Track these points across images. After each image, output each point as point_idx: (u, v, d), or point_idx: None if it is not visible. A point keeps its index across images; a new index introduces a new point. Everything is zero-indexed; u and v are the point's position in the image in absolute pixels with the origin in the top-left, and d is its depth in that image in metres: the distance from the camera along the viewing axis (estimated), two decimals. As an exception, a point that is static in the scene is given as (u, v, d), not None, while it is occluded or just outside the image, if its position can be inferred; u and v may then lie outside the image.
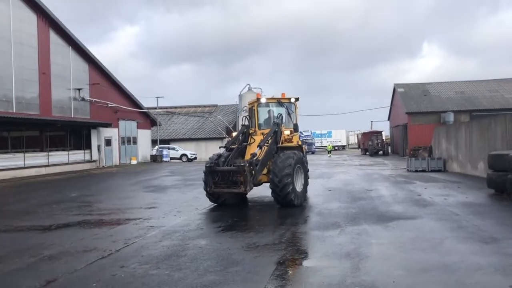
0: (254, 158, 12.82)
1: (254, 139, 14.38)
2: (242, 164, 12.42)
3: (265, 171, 13.49)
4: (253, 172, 12.57)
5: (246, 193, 13.28)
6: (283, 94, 15.00)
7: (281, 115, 14.82)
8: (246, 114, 15.97)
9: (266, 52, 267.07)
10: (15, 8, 28.83)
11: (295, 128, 14.76)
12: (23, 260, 7.91)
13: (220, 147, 15.41)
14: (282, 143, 14.01)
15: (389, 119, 64.85)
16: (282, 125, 14.46)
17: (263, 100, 14.73)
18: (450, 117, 44.91)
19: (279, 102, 14.90)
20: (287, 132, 14.02)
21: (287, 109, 14.97)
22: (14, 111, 27.93)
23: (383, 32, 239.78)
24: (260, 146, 13.19)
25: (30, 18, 30.20)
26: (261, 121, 14.98)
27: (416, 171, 26.75)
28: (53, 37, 32.44)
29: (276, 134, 13.89)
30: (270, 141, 13.59)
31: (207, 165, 13.15)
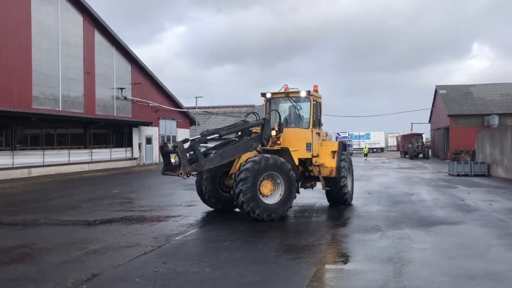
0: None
1: None
2: (176, 144, 11.03)
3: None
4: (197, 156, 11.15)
5: (181, 177, 11.03)
6: (315, 86, 13.58)
7: (276, 111, 13.26)
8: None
9: (310, 52, 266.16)
10: (63, 10, 29.90)
11: (315, 124, 12.97)
12: (69, 253, 8.19)
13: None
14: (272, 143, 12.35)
15: (430, 121, 63.24)
16: (278, 122, 12.56)
17: (268, 95, 13.45)
18: (495, 120, 43.32)
19: (288, 97, 13.22)
20: (273, 133, 12.33)
21: (296, 104, 13.26)
22: (60, 109, 28.96)
23: (431, 32, 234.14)
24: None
25: (77, 19, 31.25)
26: (274, 118, 13.34)
27: (458, 175, 25.98)
28: (98, 37, 33.45)
29: (262, 131, 12.36)
30: (252, 135, 12.32)
31: (159, 145, 11.94)
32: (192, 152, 11.44)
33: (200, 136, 11.85)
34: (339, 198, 13.50)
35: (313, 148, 12.88)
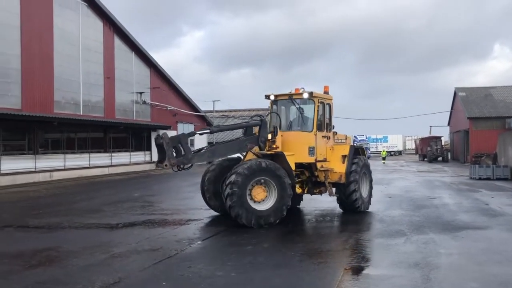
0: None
1: None
2: (162, 135, 10.96)
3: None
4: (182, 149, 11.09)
5: (166, 168, 11.03)
6: (325, 87, 13.18)
7: (276, 114, 12.77)
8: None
9: (328, 55, 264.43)
10: (84, 16, 30.38)
11: (321, 127, 12.42)
12: (95, 256, 8.28)
13: None
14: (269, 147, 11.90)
15: (449, 124, 62.40)
16: (274, 125, 12.15)
17: (272, 97, 12.88)
18: (517, 123, 42.53)
19: (291, 99, 12.62)
20: (269, 136, 11.91)
21: (299, 106, 12.61)
22: (81, 114, 29.42)
23: (451, 34, 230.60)
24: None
25: (97, 25, 31.72)
26: (273, 121, 12.89)
27: (480, 178, 25.54)
28: (117, 43, 33.89)
29: (259, 131, 11.94)
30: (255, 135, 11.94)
31: (154, 138, 11.56)
32: (202, 147, 11.48)
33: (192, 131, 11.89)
34: (349, 205, 12.74)
35: (318, 152, 12.28)
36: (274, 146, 11.81)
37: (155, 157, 37.42)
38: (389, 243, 9.11)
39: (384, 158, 53.78)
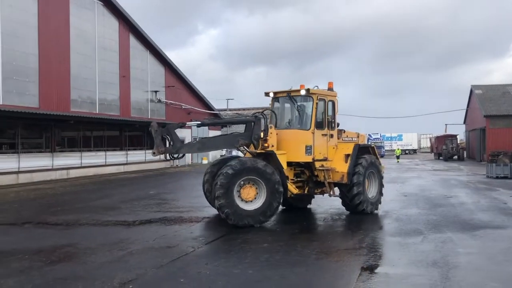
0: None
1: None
2: (152, 124, 11.19)
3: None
4: (169, 139, 11.26)
5: (154, 156, 11.52)
6: (330, 83, 12.81)
7: (272, 112, 12.66)
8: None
9: (344, 53, 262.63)
10: (100, 15, 30.66)
11: (321, 125, 12.08)
12: (112, 253, 8.37)
13: None
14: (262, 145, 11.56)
15: (464, 122, 61.66)
16: (271, 125, 11.82)
17: (271, 95, 12.61)
18: (535, 121, 41.88)
19: (289, 96, 12.23)
20: (262, 134, 11.55)
21: (298, 104, 12.22)
22: (97, 112, 29.71)
23: (468, 31, 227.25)
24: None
25: (113, 24, 31.98)
26: (273, 119, 12.71)
27: (497, 177, 25.18)
28: (133, 42, 34.14)
29: (253, 129, 11.59)
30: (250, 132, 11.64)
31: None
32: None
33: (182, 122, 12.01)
34: (353, 206, 12.23)
35: (316, 151, 11.92)
36: (266, 144, 11.45)
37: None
38: (406, 241, 9.05)
39: (398, 157, 52.86)
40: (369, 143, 13.58)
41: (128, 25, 33.30)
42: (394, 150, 63.85)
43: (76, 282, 6.58)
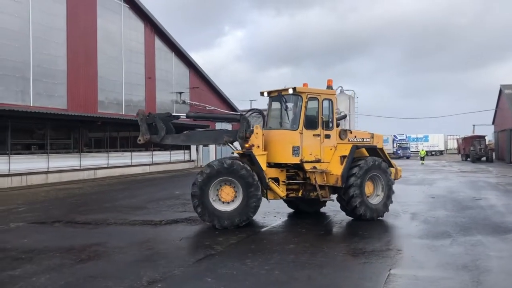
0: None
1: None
2: (138, 112, 11.31)
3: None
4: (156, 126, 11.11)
5: (140, 142, 11.37)
6: (329, 81, 12.31)
7: (258, 110, 12.70)
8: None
9: (370, 53, 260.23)
10: (126, 18, 31.17)
11: (312, 125, 11.50)
12: (141, 252, 8.50)
13: None
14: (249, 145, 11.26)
15: (493, 123, 60.28)
16: (257, 125, 11.44)
17: (265, 94, 12.29)
18: None
19: (280, 95, 11.81)
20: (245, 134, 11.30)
21: (287, 103, 11.85)
22: (123, 113, 30.19)
23: (497, 30, 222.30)
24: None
25: (138, 26, 32.48)
26: (267, 118, 12.52)
27: (528, 179, 24.57)
28: (158, 43, 34.60)
29: (239, 127, 11.38)
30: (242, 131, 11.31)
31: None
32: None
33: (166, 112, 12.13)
34: (350, 210, 11.50)
35: (306, 152, 11.32)
36: (247, 145, 11.16)
37: (194, 156, 38.05)
38: (434, 244, 8.90)
39: (422, 158, 50.37)
40: (384, 144, 12.55)
41: (153, 27, 33.77)
42: (419, 151, 62.38)
43: (106, 281, 6.70)
